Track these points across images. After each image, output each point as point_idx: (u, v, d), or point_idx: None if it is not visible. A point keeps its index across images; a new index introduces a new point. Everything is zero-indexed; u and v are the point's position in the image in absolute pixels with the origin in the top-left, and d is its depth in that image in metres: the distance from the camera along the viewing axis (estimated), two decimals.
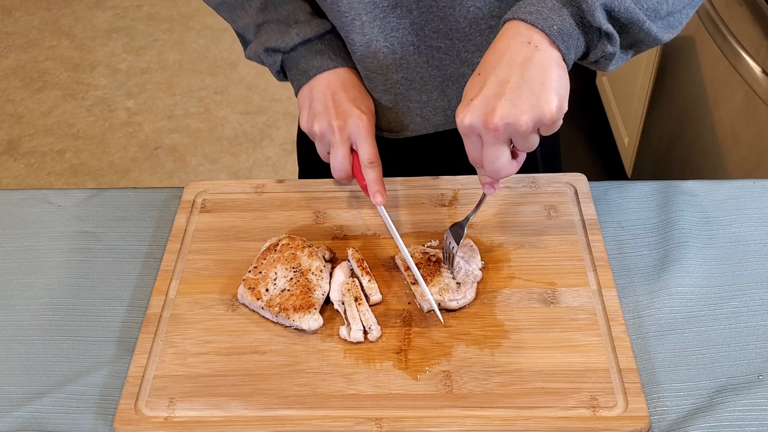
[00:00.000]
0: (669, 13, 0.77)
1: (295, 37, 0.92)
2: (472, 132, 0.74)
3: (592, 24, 0.73)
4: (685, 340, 0.82)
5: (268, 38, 0.93)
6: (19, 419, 0.78)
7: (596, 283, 0.85)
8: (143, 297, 0.88)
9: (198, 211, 0.96)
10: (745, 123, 1.48)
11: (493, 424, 0.73)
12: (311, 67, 0.92)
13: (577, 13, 0.73)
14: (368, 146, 0.88)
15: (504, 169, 0.75)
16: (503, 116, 0.71)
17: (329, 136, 0.89)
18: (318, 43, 0.93)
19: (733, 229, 0.93)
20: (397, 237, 0.86)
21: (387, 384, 0.77)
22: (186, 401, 0.76)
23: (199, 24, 3.27)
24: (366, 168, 0.88)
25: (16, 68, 3.09)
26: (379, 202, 0.88)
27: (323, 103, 0.90)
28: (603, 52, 0.75)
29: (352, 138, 0.89)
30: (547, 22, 0.72)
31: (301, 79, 0.94)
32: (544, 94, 0.71)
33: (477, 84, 0.74)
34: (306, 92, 0.93)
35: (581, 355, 0.78)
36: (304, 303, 0.82)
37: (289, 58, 0.94)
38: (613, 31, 0.74)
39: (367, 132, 0.89)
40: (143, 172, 2.60)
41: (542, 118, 0.71)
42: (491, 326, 0.81)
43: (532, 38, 0.72)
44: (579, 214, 0.93)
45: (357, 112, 0.89)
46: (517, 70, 0.71)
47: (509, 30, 0.74)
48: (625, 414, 0.73)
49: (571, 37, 0.73)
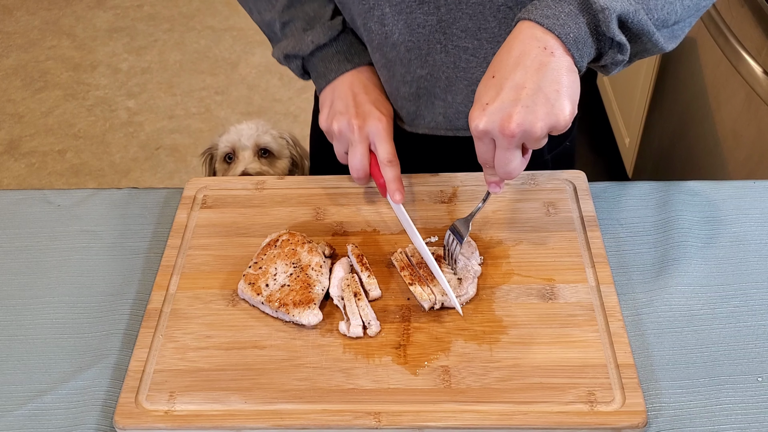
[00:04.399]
0: (675, 23, 0.78)
1: (310, 44, 0.94)
2: (486, 136, 0.74)
3: (605, 34, 0.73)
4: (684, 339, 0.82)
5: (286, 45, 0.96)
6: (20, 418, 0.78)
7: (594, 280, 0.85)
8: (144, 294, 0.89)
9: (199, 207, 0.97)
10: (746, 124, 1.48)
11: (491, 419, 0.73)
12: (330, 71, 0.95)
13: (592, 21, 0.73)
14: (387, 145, 0.90)
15: (516, 170, 0.76)
16: (520, 123, 0.71)
17: (348, 135, 0.91)
18: (333, 46, 0.95)
19: (734, 228, 0.93)
20: (416, 234, 0.87)
21: (386, 379, 0.77)
22: (186, 395, 0.77)
23: (200, 24, 3.27)
24: (385, 167, 0.90)
25: (17, 68, 3.10)
26: (398, 201, 0.89)
27: (344, 102, 0.92)
28: (612, 59, 0.76)
29: (371, 138, 0.91)
30: (564, 29, 0.72)
31: (321, 82, 0.96)
32: (558, 101, 0.71)
33: (492, 87, 0.73)
34: (328, 92, 0.96)
35: (579, 350, 0.78)
36: (303, 298, 0.82)
37: (309, 62, 0.97)
38: (626, 42, 0.74)
39: (386, 132, 0.91)
40: (144, 173, 2.60)
41: (557, 124, 0.72)
42: (490, 322, 0.82)
43: (548, 44, 0.72)
44: (578, 211, 0.93)
45: (377, 113, 0.91)
46: (533, 75, 0.71)
47: (524, 32, 0.74)
48: (623, 409, 0.73)
49: (586, 46, 0.73)
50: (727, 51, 1.49)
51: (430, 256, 0.84)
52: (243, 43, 3.13)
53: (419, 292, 0.83)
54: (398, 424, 0.73)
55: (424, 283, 0.83)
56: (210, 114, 2.83)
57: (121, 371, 0.81)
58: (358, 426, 0.74)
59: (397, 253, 0.88)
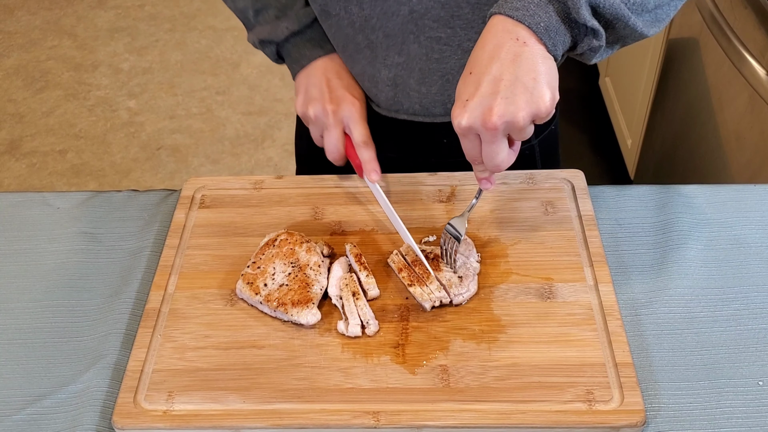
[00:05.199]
0: (657, 6, 0.78)
1: (285, 30, 0.97)
2: (470, 132, 0.75)
3: (577, 20, 0.74)
4: (684, 341, 0.82)
5: (261, 30, 0.99)
6: (19, 422, 0.78)
7: (593, 279, 0.85)
8: (143, 295, 0.89)
9: (197, 206, 0.97)
10: (749, 126, 1.48)
11: (490, 418, 0.73)
12: (303, 56, 0.99)
13: (562, 9, 0.73)
14: (361, 128, 0.94)
15: (504, 163, 0.77)
16: (501, 115, 0.72)
17: (323, 119, 0.95)
18: (307, 33, 0.98)
19: (734, 231, 0.93)
20: (395, 218, 0.89)
21: (384, 378, 0.77)
22: (185, 395, 0.77)
23: (201, 24, 3.28)
24: (360, 148, 0.93)
25: (18, 68, 3.10)
26: (374, 180, 0.92)
27: (318, 88, 0.96)
28: (589, 46, 0.77)
29: (345, 121, 0.95)
30: (534, 19, 0.73)
31: (295, 67, 1.00)
32: (537, 88, 0.72)
33: (470, 84, 0.74)
34: (303, 78, 0.99)
35: (577, 349, 0.78)
36: (302, 298, 0.82)
37: (283, 48, 1.00)
38: (599, 27, 0.75)
39: (360, 115, 0.95)
40: (145, 173, 2.60)
41: (538, 112, 0.72)
42: (488, 321, 0.82)
43: (519, 34, 0.73)
44: (576, 210, 0.93)
45: (350, 98, 0.95)
46: (509, 67, 0.72)
47: (496, 26, 0.75)
48: (621, 408, 0.73)
49: (558, 33, 0.74)
50: (729, 52, 1.49)
51: (414, 244, 0.86)
52: (244, 43, 3.12)
53: (419, 293, 0.83)
54: (397, 424, 0.73)
55: (423, 283, 0.83)
56: (211, 114, 2.83)
57: (120, 372, 0.81)
58: (356, 425, 0.74)
59: (393, 255, 0.88)
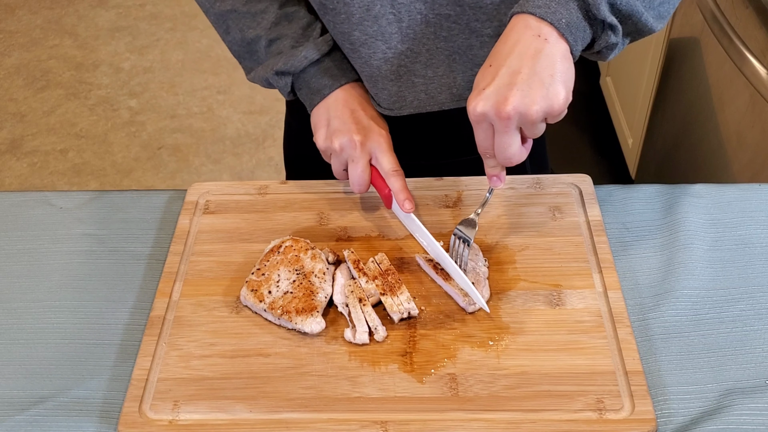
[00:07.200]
0: (660, 3, 0.81)
1: (303, 60, 0.93)
2: (483, 120, 0.76)
3: (597, 16, 0.76)
4: (692, 343, 0.82)
5: (275, 62, 0.95)
6: (21, 423, 0.77)
7: (602, 285, 0.84)
8: (146, 299, 0.88)
9: (201, 212, 0.96)
10: (750, 125, 1.47)
11: (499, 428, 0.72)
12: (323, 86, 0.95)
13: (583, 6, 0.76)
14: (390, 157, 0.92)
15: (516, 156, 0.78)
16: (515, 106, 0.73)
17: (350, 151, 0.92)
18: (325, 62, 0.95)
19: (739, 231, 0.93)
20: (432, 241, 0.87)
21: (392, 387, 0.76)
22: (190, 404, 0.76)
23: (203, 23, 3.27)
24: (390, 177, 0.91)
25: (19, 67, 3.09)
26: (409, 210, 0.90)
27: (342, 120, 0.93)
28: (606, 42, 0.79)
29: (373, 152, 0.92)
30: (556, 16, 0.75)
31: (314, 98, 0.96)
32: (553, 85, 0.74)
33: (488, 74, 0.76)
34: (323, 110, 0.95)
35: (587, 357, 0.78)
36: (306, 306, 0.81)
37: (300, 79, 0.96)
38: (617, 23, 0.77)
39: (388, 146, 0.92)
40: (146, 172, 2.60)
41: (551, 109, 0.74)
42: (496, 328, 0.81)
43: (541, 31, 0.75)
44: (584, 216, 0.93)
45: (377, 128, 0.93)
46: (528, 61, 0.74)
47: (519, 23, 0.76)
48: (632, 417, 0.73)
49: (579, 30, 0.76)
50: (731, 52, 1.48)
51: (451, 261, 0.85)
52: None
53: (389, 303, 0.82)
54: None
55: (394, 293, 0.83)
56: (212, 113, 2.83)
57: (120, 378, 0.80)
58: None
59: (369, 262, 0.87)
